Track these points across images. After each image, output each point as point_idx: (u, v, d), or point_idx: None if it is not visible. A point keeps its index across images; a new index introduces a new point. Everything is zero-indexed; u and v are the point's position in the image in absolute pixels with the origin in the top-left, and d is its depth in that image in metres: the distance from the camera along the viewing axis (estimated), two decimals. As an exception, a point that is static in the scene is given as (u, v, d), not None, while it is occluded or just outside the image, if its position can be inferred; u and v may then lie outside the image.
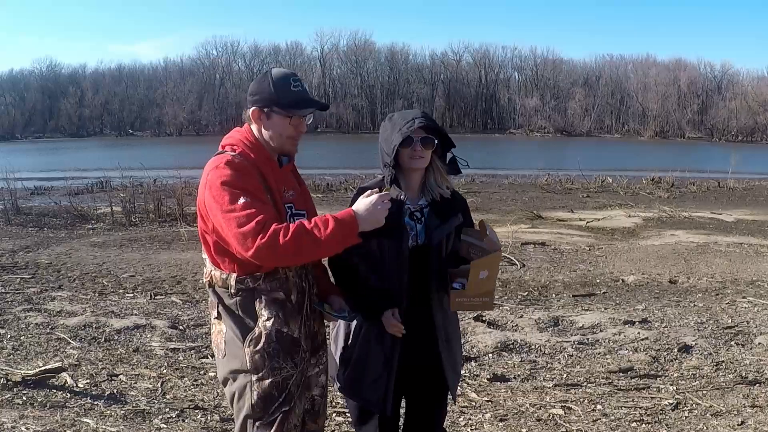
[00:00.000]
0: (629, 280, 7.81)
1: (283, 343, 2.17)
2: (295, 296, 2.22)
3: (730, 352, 5.19)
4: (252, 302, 2.17)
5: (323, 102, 2.35)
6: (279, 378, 2.16)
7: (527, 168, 24.82)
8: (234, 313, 2.19)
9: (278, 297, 2.17)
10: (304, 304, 2.25)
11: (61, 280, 7.47)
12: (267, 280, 2.16)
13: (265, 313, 2.16)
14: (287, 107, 2.21)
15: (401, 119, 2.45)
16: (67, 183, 17.73)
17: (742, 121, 71.02)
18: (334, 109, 76.64)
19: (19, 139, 68.59)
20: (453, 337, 2.59)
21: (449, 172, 2.54)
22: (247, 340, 2.16)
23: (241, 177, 2.09)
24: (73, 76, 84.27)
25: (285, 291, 2.19)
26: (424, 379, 2.55)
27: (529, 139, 68.15)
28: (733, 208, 15.70)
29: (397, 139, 2.38)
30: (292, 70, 2.47)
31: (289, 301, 2.20)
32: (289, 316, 2.19)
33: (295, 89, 2.24)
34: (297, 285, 2.23)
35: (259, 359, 2.15)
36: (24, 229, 11.38)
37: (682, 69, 78.97)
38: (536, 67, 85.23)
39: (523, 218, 13.07)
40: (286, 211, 2.24)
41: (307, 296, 2.28)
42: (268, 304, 2.16)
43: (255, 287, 2.16)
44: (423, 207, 2.49)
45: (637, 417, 3.99)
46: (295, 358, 2.20)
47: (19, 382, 4.20)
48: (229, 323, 2.20)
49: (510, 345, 5.29)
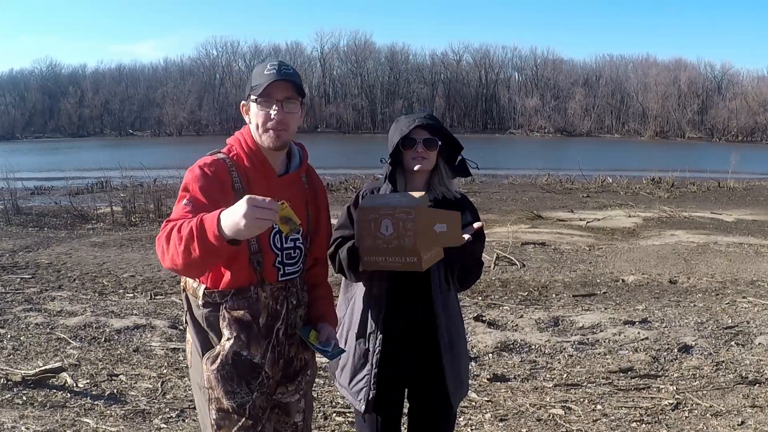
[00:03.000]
0: (629, 280, 7.81)
1: (239, 367, 2.00)
2: (264, 319, 2.03)
3: (730, 352, 5.19)
4: (218, 319, 2.03)
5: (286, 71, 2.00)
6: (233, 403, 2.00)
7: (527, 168, 24.83)
8: (199, 325, 2.06)
9: (243, 318, 2.00)
10: (275, 328, 2.07)
11: (61, 280, 7.47)
12: (235, 298, 2.00)
13: (227, 333, 2.01)
14: (255, 92, 1.98)
15: (405, 119, 2.45)
16: (67, 183, 17.71)
17: (742, 121, 71.08)
18: (335, 109, 76.69)
19: (19, 139, 68.64)
20: (457, 341, 2.49)
21: (459, 174, 2.52)
22: (206, 356, 2.03)
23: (201, 181, 1.92)
24: (73, 76, 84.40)
25: (252, 312, 2.01)
26: (427, 388, 2.48)
27: (529, 139, 68.17)
28: (733, 208, 15.70)
29: (397, 138, 2.38)
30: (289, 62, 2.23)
31: (256, 324, 2.02)
32: (253, 339, 2.01)
33: (269, 72, 1.98)
34: (269, 307, 2.04)
35: (214, 380, 2.01)
36: (24, 229, 11.37)
37: (682, 69, 79.05)
38: (536, 67, 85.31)
39: (523, 218, 13.07)
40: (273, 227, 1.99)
41: (283, 320, 2.09)
42: (231, 324, 2.00)
43: (221, 303, 2.01)
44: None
45: (637, 417, 3.99)
46: (251, 384, 2.02)
47: (19, 382, 4.20)
48: (194, 335, 2.08)
49: (510, 345, 5.29)
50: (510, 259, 8.76)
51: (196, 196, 1.89)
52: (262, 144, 2.03)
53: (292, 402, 2.18)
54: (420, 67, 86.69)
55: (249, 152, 2.05)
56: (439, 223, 2.16)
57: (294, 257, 2.12)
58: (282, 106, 1.98)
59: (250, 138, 2.06)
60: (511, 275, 7.97)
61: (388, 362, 2.42)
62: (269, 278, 2.05)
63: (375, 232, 2.13)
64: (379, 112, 79.64)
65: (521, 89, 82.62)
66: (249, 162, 2.04)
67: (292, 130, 2.04)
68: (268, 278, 2.04)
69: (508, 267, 8.44)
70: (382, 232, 2.12)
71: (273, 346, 2.07)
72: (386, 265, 2.19)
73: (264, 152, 2.05)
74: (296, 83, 2.00)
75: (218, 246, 1.67)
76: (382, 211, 2.12)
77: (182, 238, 1.70)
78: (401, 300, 2.40)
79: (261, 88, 1.96)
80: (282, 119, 1.99)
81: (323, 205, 2.26)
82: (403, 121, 2.45)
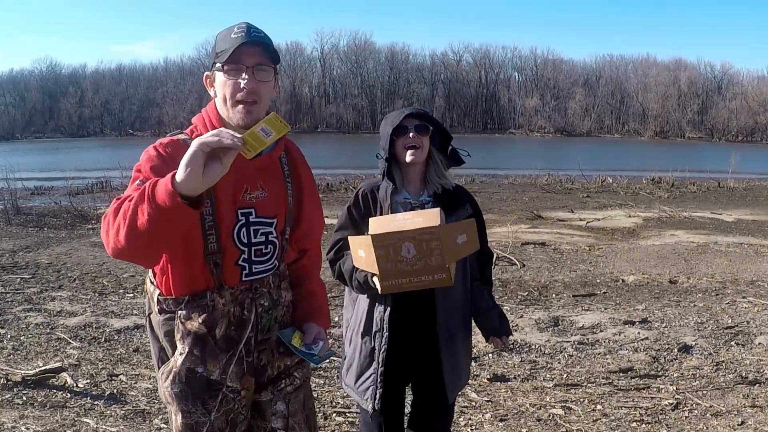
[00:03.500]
0: (629, 280, 7.81)
1: (193, 385, 1.77)
2: (222, 330, 1.78)
3: (730, 352, 5.20)
4: (173, 329, 1.79)
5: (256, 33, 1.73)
6: (190, 421, 1.79)
7: (527, 168, 24.81)
8: (156, 334, 1.85)
9: (197, 330, 1.76)
10: (243, 338, 1.81)
11: (61, 280, 7.47)
12: (189, 307, 1.76)
13: (180, 347, 1.78)
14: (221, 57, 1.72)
15: (395, 112, 2.50)
16: (67, 183, 17.71)
17: (742, 121, 71.11)
18: (335, 109, 76.66)
19: (19, 139, 68.65)
20: (457, 336, 2.50)
21: (452, 164, 2.53)
22: (161, 371, 1.82)
23: (155, 161, 1.69)
24: (73, 76, 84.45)
25: (208, 323, 1.76)
26: (426, 379, 2.51)
27: (529, 139, 68.18)
28: (733, 208, 15.70)
29: (389, 129, 2.41)
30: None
31: (212, 336, 1.77)
32: (209, 354, 1.77)
33: (237, 35, 1.71)
34: (230, 315, 1.79)
35: (169, 396, 1.81)
36: (24, 229, 11.37)
37: (682, 69, 79.09)
38: (536, 67, 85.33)
39: (523, 218, 13.07)
40: (238, 218, 1.78)
41: (253, 327, 1.83)
42: (184, 337, 1.77)
43: (175, 311, 1.78)
44: (425, 202, 2.46)
45: (637, 417, 3.99)
46: (208, 404, 1.79)
47: (19, 382, 4.20)
48: (153, 343, 1.88)
49: (510, 345, 5.29)
50: (510, 259, 8.76)
51: (147, 176, 1.65)
52: (230, 121, 1.75)
53: (265, 401, 1.91)
54: (420, 67, 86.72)
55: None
56: (459, 234, 2.13)
57: (266, 253, 1.85)
58: (253, 74, 1.71)
59: (215, 114, 1.79)
60: (511, 275, 7.97)
61: (393, 360, 2.42)
62: (229, 281, 1.79)
63: (395, 257, 2.06)
64: (379, 112, 79.53)
65: (521, 89, 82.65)
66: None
67: (265, 103, 1.76)
68: (227, 281, 1.79)
69: (508, 267, 8.44)
70: (404, 255, 2.06)
71: (240, 358, 1.82)
72: (411, 285, 2.14)
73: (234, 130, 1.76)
74: (269, 47, 1.74)
75: (170, 205, 1.43)
76: (400, 235, 2.04)
77: (131, 205, 1.48)
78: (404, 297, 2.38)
79: (227, 53, 1.69)
80: (253, 88, 1.70)
81: (307, 189, 1.98)
82: (393, 114, 2.49)
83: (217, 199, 1.73)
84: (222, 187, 1.68)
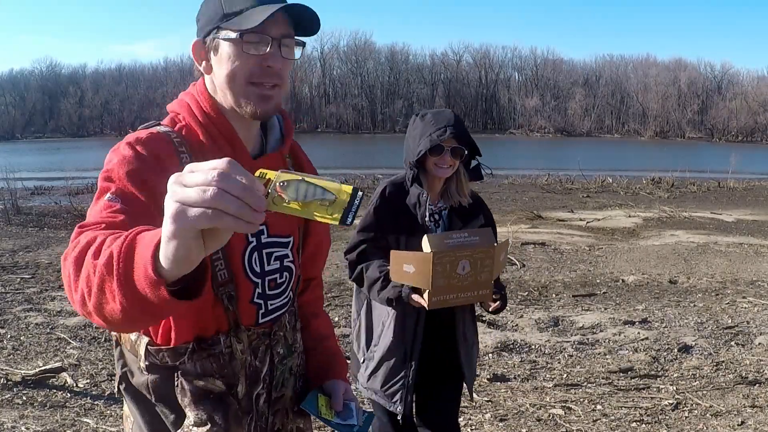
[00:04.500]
0: (629, 280, 7.81)
1: None
2: (243, 386, 1.35)
3: (730, 352, 5.20)
4: (172, 389, 1.30)
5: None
6: None
7: (527, 168, 24.84)
8: (143, 398, 1.34)
9: (213, 388, 1.31)
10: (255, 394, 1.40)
11: (61, 280, 7.46)
12: (197, 358, 1.30)
13: (192, 415, 1.28)
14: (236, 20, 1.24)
15: (433, 123, 2.35)
16: (67, 183, 17.70)
17: (742, 121, 71.15)
18: (335, 109, 76.66)
19: (19, 139, 68.66)
20: (469, 334, 2.60)
21: (473, 178, 2.52)
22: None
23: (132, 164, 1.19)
24: (73, 76, 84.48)
25: (227, 378, 1.32)
26: (440, 373, 2.57)
27: (529, 139, 68.19)
28: (733, 208, 15.70)
29: (425, 145, 2.32)
30: None
31: (234, 395, 1.33)
32: (234, 420, 1.31)
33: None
34: (247, 366, 1.36)
35: None
36: (24, 229, 11.37)
37: (682, 69, 79.14)
38: (536, 67, 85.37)
39: (523, 218, 13.07)
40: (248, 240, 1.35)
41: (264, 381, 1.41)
42: (196, 400, 1.29)
43: (176, 365, 1.30)
44: (442, 209, 2.49)
45: (637, 417, 3.99)
46: None
47: (19, 382, 4.20)
48: (137, 414, 1.36)
49: (510, 345, 5.29)
50: (510, 259, 8.76)
51: (124, 188, 1.16)
52: (238, 108, 1.30)
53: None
54: (420, 67, 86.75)
55: (207, 122, 1.32)
56: (502, 252, 2.26)
57: (281, 284, 1.44)
58: (279, 47, 1.26)
59: (208, 100, 1.33)
60: (511, 275, 7.96)
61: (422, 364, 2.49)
62: (246, 320, 1.36)
63: (450, 273, 2.13)
64: (379, 112, 79.66)
65: (521, 89, 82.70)
66: (207, 137, 1.32)
67: (285, 89, 1.33)
68: (243, 320, 1.36)
69: (508, 267, 8.44)
70: (459, 272, 2.14)
71: (256, 421, 1.40)
72: (455, 301, 2.22)
73: (231, 121, 1.33)
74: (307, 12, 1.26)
75: (153, 297, 0.87)
76: (459, 252, 2.12)
77: (96, 277, 0.92)
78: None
79: (251, 18, 1.22)
80: (280, 68, 1.27)
81: None
82: (430, 126, 2.35)
83: None
84: None
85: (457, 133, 2.32)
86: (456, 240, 2.15)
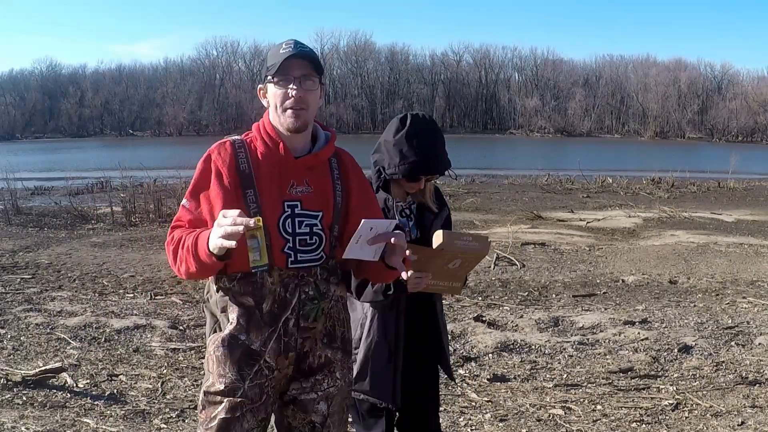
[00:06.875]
0: (629, 280, 7.81)
1: (233, 350, 1.93)
2: (268, 305, 1.94)
3: (730, 353, 5.20)
4: (227, 303, 1.99)
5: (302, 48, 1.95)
6: (221, 386, 1.93)
7: (527, 168, 24.84)
8: (211, 312, 2.05)
9: (246, 302, 1.94)
10: (282, 317, 1.95)
11: (61, 280, 7.47)
12: (242, 283, 1.95)
13: (231, 317, 1.96)
14: (271, 71, 1.95)
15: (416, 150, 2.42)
16: (67, 183, 17.69)
17: (742, 121, 71.11)
18: (335, 109, 76.66)
19: (19, 139, 68.58)
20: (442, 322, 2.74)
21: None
22: (211, 338, 2.01)
23: (199, 177, 1.98)
24: (73, 76, 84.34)
25: (256, 298, 1.94)
26: (422, 367, 2.63)
27: (529, 139, 68.19)
28: (733, 208, 15.70)
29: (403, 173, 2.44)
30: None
31: (259, 309, 1.94)
32: (254, 325, 1.94)
33: (285, 50, 1.94)
34: (276, 294, 1.94)
35: (208, 361, 1.99)
36: (24, 229, 11.37)
37: (682, 69, 79.11)
38: (536, 68, 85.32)
39: (523, 218, 13.07)
40: (284, 210, 1.96)
41: (293, 311, 1.95)
42: (234, 309, 1.96)
43: (230, 287, 1.97)
44: (411, 204, 2.60)
45: (637, 417, 3.99)
46: (243, 371, 1.93)
47: (19, 382, 4.20)
48: (209, 320, 2.08)
49: (510, 345, 5.29)
50: (510, 260, 8.76)
51: (194, 197, 1.97)
52: (282, 126, 1.97)
53: (308, 399, 2.03)
54: (420, 67, 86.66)
55: (264, 135, 1.99)
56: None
57: (311, 244, 1.99)
58: (300, 83, 1.93)
59: (268, 122, 2.01)
60: (511, 275, 7.97)
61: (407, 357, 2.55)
62: (278, 262, 1.95)
63: (443, 266, 2.37)
64: (379, 112, 79.61)
65: (521, 89, 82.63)
66: (262, 144, 1.99)
67: (312, 110, 1.97)
68: (276, 262, 1.94)
69: (508, 267, 8.44)
70: (450, 266, 2.39)
71: (279, 336, 1.95)
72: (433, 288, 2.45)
73: (281, 136, 1.98)
74: (314, 59, 1.95)
75: (209, 263, 1.82)
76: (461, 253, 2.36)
77: (183, 254, 1.88)
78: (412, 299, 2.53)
79: (277, 66, 1.91)
80: (301, 96, 1.92)
81: (355, 189, 2.08)
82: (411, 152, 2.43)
83: (260, 191, 1.94)
84: (265, 181, 1.95)
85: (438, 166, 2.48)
86: (463, 243, 2.37)
